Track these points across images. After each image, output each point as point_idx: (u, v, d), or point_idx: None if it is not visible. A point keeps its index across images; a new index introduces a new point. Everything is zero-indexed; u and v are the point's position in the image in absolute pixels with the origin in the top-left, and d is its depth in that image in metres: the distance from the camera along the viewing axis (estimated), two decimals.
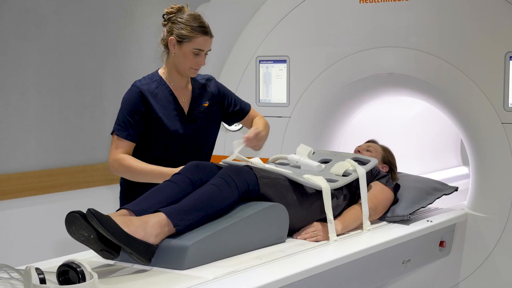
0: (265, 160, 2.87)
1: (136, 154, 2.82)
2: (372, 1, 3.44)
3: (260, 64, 3.78)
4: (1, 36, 3.98)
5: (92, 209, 2.02)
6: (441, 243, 3.11)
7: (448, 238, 3.17)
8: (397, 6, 3.38)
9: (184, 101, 2.86)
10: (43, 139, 4.22)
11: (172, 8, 2.78)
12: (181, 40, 2.74)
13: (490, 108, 3.16)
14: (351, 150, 3.38)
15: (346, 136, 3.81)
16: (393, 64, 3.45)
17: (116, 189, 4.61)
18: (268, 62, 3.76)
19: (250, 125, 3.04)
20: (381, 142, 3.33)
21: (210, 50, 2.80)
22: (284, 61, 3.71)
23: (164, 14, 2.80)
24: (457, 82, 3.25)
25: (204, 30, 2.75)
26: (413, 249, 2.87)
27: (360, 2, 3.48)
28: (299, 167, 2.85)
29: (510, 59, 3.10)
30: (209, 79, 2.99)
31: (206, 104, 2.91)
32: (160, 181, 2.49)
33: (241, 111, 3.04)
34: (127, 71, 4.76)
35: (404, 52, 3.40)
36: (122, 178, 2.93)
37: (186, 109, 2.86)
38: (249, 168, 2.48)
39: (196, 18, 2.76)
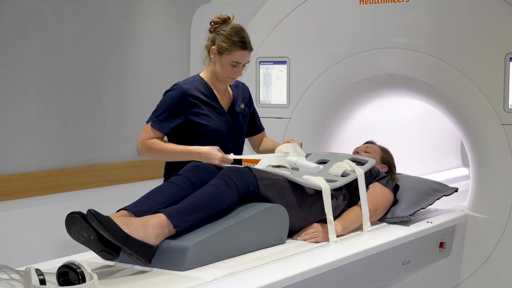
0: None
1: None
2: (372, 2, 3.44)
3: (260, 65, 3.78)
4: (0, 36, 3.98)
5: (92, 209, 2.03)
6: (441, 244, 3.11)
7: (448, 239, 3.17)
8: (397, 7, 3.38)
9: (224, 103, 2.97)
10: (43, 140, 4.22)
11: (218, 18, 2.89)
12: (221, 51, 2.86)
13: (490, 109, 3.16)
14: (351, 151, 3.38)
15: (347, 137, 3.80)
16: (393, 65, 3.45)
17: (116, 190, 4.63)
18: (268, 63, 3.76)
19: (258, 144, 3.18)
20: (381, 143, 3.33)
21: (248, 62, 2.92)
22: (284, 62, 3.71)
23: (211, 22, 2.91)
24: (457, 83, 3.25)
25: (243, 45, 2.85)
26: (413, 250, 2.87)
27: (360, 3, 3.48)
28: (297, 169, 2.85)
29: (510, 60, 3.10)
30: (244, 84, 3.11)
31: (242, 106, 3.04)
32: (187, 159, 2.71)
33: (259, 127, 3.17)
34: (127, 72, 4.76)
35: (404, 53, 3.40)
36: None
37: (226, 109, 2.97)
38: (249, 169, 2.48)
39: (238, 32, 2.86)
